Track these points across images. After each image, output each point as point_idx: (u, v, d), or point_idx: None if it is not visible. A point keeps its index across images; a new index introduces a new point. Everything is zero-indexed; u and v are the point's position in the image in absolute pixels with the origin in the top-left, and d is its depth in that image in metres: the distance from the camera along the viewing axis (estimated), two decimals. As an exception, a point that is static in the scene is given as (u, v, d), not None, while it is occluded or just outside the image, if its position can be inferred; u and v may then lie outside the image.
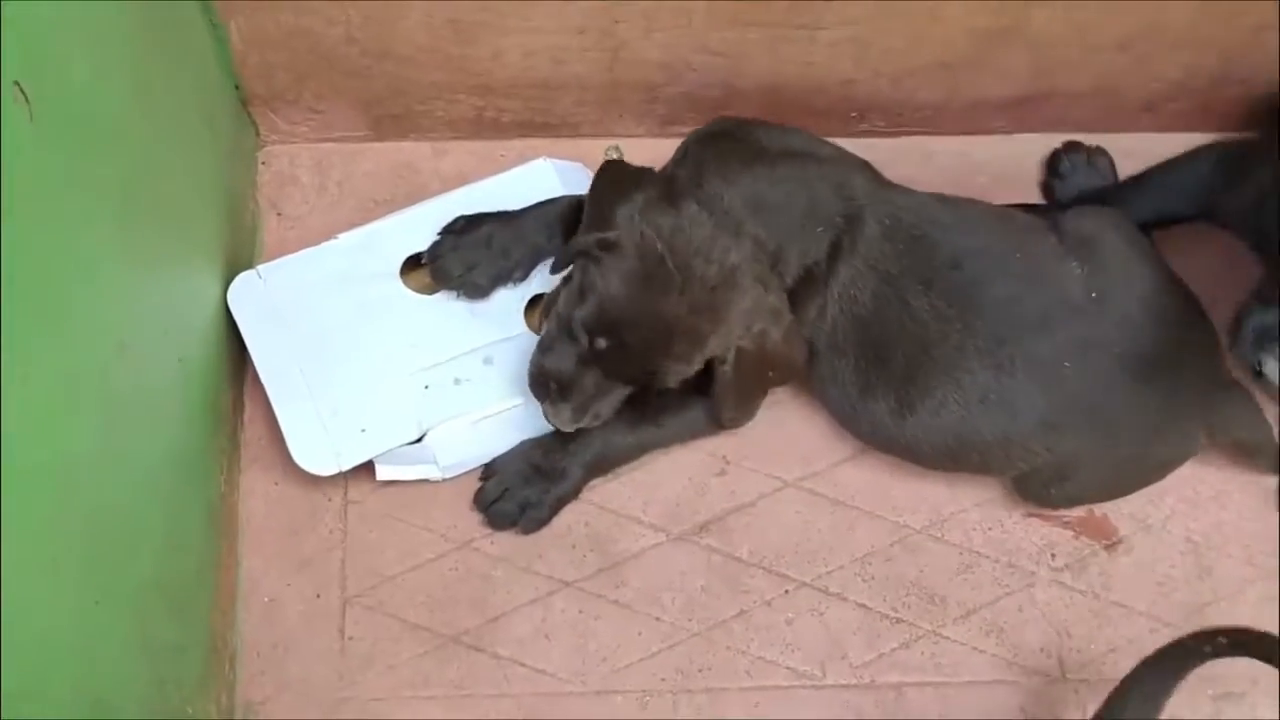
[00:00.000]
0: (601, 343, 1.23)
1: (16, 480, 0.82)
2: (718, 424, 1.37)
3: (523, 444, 1.37)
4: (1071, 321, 1.26)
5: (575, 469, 1.36)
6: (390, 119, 1.49)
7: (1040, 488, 1.33)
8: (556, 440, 1.35)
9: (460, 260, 1.38)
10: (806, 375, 1.36)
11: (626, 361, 1.24)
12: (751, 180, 1.29)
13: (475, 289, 1.39)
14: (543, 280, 1.40)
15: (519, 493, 1.35)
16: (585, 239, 1.24)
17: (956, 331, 1.27)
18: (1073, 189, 1.50)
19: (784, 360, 1.29)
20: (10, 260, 0.82)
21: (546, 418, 1.29)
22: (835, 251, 1.30)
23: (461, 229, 1.39)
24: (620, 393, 1.28)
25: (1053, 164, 1.53)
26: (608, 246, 1.22)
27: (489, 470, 1.37)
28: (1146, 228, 1.37)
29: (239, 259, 1.39)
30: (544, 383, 1.28)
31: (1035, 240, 1.32)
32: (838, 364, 1.32)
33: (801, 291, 1.30)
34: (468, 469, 1.38)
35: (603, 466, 1.38)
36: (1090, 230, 1.32)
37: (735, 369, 1.26)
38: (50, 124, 0.88)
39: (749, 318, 1.24)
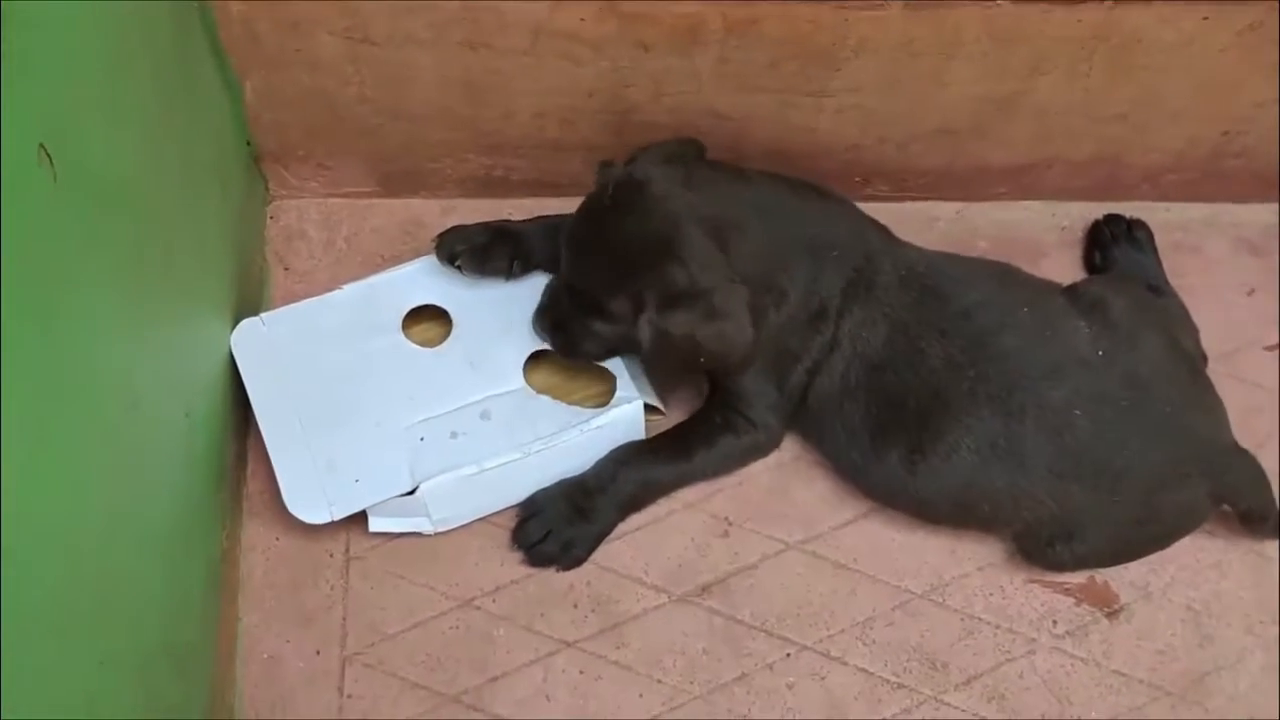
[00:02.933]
0: (565, 256, 1.32)
1: (30, 543, 0.82)
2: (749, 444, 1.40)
3: (560, 484, 1.38)
4: (1079, 374, 1.28)
5: (613, 508, 1.37)
6: (399, 176, 1.50)
7: (1045, 546, 1.33)
8: (594, 480, 1.37)
9: (465, 238, 1.41)
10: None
11: (576, 277, 1.31)
12: (766, 186, 1.33)
13: (472, 263, 1.41)
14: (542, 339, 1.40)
15: (563, 533, 1.36)
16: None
17: (968, 378, 1.28)
18: (1113, 259, 1.52)
19: (716, 351, 1.28)
20: (30, 321, 0.83)
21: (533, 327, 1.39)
22: (851, 291, 1.32)
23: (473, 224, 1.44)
24: (598, 337, 1.33)
25: (1094, 235, 1.55)
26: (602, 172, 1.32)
27: (529, 510, 1.38)
28: None
29: (246, 313, 1.39)
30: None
31: (1043, 298, 1.36)
32: (849, 408, 1.33)
33: (812, 324, 1.32)
34: (459, 524, 1.38)
35: (638, 503, 1.39)
36: (1099, 293, 1.36)
37: (657, 345, 1.26)
38: (71, 184, 0.89)
39: (685, 273, 1.24)
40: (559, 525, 1.36)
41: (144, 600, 1.06)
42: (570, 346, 1.37)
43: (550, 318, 1.37)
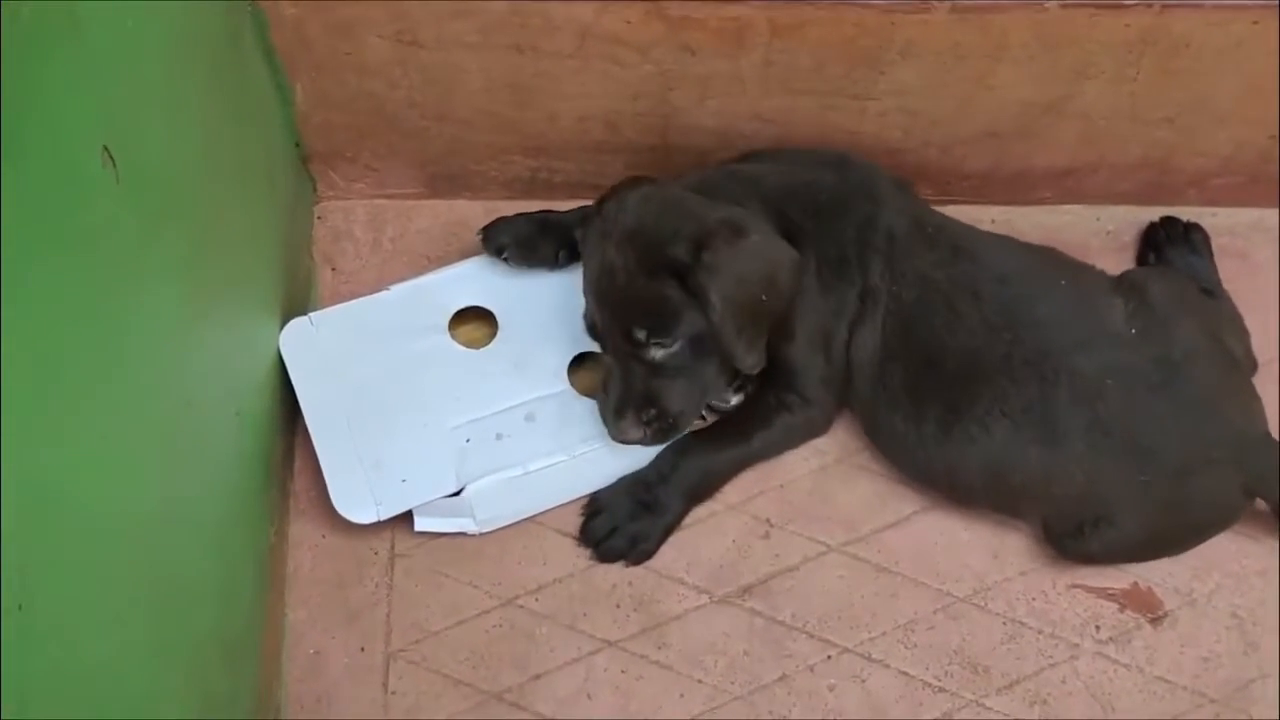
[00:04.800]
0: (591, 307, 1.31)
1: (90, 537, 0.84)
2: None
3: (622, 480, 1.39)
4: (1112, 347, 1.29)
5: (677, 498, 1.38)
6: (445, 178, 1.51)
7: (1076, 532, 1.32)
8: (655, 473, 1.38)
9: (510, 231, 1.43)
10: (855, 402, 1.39)
11: (623, 313, 1.27)
12: (713, 169, 1.38)
13: (519, 255, 1.43)
14: (587, 340, 1.40)
15: (628, 528, 1.37)
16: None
17: (1004, 342, 1.29)
18: (1167, 260, 1.52)
19: (768, 275, 1.27)
20: (92, 320, 0.84)
21: (612, 436, 1.33)
22: (867, 237, 1.33)
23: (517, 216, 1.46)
24: (681, 373, 1.30)
25: (1149, 236, 1.55)
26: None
27: (593, 507, 1.39)
28: None
29: (293, 313, 1.41)
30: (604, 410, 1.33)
31: (1080, 273, 1.37)
32: (891, 370, 1.33)
33: (837, 275, 1.33)
34: (504, 524, 1.39)
35: (703, 492, 1.40)
36: (1141, 278, 1.37)
37: (722, 304, 1.24)
38: (132, 185, 0.91)
39: (697, 221, 1.25)
40: (623, 521, 1.37)
41: (196, 594, 1.08)
42: (672, 408, 1.31)
43: (634, 401, 1.30)
